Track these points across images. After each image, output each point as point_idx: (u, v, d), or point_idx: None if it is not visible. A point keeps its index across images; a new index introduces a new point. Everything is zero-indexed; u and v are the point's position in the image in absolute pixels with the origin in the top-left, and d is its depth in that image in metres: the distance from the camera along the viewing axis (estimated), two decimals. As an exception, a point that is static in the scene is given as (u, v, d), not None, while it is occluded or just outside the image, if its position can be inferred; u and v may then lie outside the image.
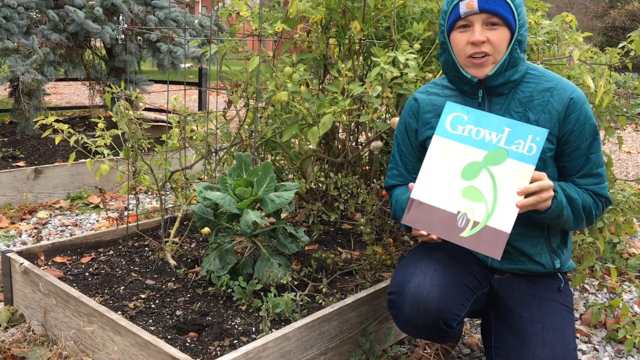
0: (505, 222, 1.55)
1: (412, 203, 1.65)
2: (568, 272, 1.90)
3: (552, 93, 1.72)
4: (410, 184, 1.69)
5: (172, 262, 2.39)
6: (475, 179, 1.60)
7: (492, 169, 1.59)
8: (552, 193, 1.59)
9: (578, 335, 2.42)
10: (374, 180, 2.53)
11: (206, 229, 2.30)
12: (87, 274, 2.30)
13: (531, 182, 1.56)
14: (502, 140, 1.60)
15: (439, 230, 1.62)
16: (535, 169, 1.57)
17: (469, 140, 1.64)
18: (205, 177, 2.74)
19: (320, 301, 2.11)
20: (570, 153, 1.72)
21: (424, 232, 1.64)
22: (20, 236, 3.19)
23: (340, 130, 3.03)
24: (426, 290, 1.66)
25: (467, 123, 1.65)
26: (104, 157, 2.49)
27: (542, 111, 1.71)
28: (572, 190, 1.70)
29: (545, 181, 1.57)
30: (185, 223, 2.84)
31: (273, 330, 1.87)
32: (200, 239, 2.73)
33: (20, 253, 2.31)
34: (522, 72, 1.72)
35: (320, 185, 2.62)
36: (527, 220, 1.70)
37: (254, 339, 1.82)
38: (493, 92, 1.75)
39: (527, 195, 1.56)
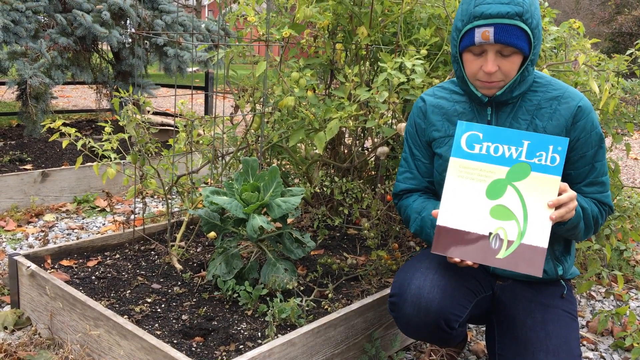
0: (540, 237, 1.49)
1: (439, 230, 1.58)
2: (571, 279, 1.89)
3: (559, 101, 1.71)
4: (434, 211, 1.63)
5: (178, 266, 2.40)
6: (501, 197, 1.54)
7: (517, 184, 1.53)
8: (576, 203, 1.57)
9: (585, 343, 2.41)
10: (379, 185, 2.53)
11: (212, 234, 2.31)
12: (93, 277, 2.30)
13: (558, 194, 1.52)
14: (522, 154, 1.55)
15: (473, 255, 1.54)
16: None
17: (488, 158, 1.58)
18: (212, 182, 2.75)
19: (326, 307, 2.11)
20: (576, 161, 1.72)
21: (458, 259, 1.58)
22: (27, 239, 3.20)
23: (346, 135, 3.03)
24: (427, 291, 1.66)
25: (484, 141, 1.59)
26: (111, 160, 2.50)
27: (550, 118, 1.70)
28: (582, 200, 1.68)
29: (571, 191, 1.55)
30: (191, 227, 2.84)
31: (279, 335, 1.86)
32: (207, 243, 2.74)
33: (27, 256, 2.31)
34: (529, 82, 1.72)
35: (325, 189, 2.62)
36: None
37: (260, 344, 1.82)
38: (501, 103, 1.76)
39: (557, 207, 1.52)
